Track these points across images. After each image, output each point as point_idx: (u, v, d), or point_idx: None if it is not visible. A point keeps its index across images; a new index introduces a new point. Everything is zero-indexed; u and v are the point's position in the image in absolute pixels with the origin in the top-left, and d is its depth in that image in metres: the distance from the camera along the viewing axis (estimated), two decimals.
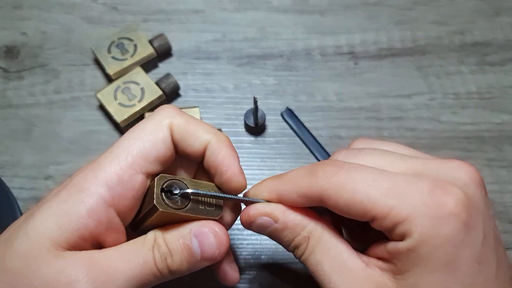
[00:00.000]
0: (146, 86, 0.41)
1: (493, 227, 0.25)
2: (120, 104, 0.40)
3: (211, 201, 0.26)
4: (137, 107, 0.40)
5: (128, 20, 0.46)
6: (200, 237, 0.26)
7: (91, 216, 0.24)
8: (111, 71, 0.41)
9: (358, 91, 0.43)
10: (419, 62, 0.44)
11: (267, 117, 0.41)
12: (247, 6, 0.46)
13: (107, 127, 0.41)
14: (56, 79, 0.43)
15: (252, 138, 0.41)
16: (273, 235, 0.27)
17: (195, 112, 0.40)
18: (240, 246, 0.37)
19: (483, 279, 0.23)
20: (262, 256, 0.37)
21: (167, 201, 0.25)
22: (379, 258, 0.25)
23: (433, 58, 0.44)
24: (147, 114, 0.40)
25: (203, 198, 0.26)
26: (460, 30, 0.45)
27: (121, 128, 0.40)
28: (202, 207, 0.26)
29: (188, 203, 0.25)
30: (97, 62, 0.43)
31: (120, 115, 0.39)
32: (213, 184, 0.27)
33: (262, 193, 0.27)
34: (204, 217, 0.26)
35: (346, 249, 0.26)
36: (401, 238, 0.23)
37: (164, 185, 0.25)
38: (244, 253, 0.37)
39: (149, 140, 0.26)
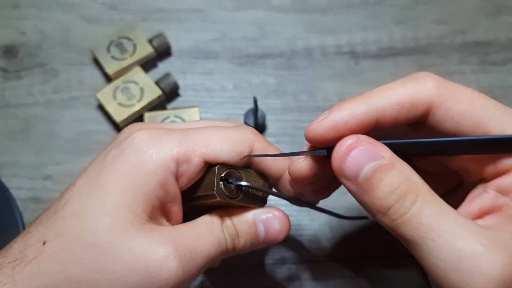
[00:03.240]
0: (146, 85, 0.40)
1: None
2: (119, 104, 0.40)
3: (257, 192, 0.28)
4: (137, 107, 0.40)
5: (127, 19, 0.45)
6: (266, 222, 0.28)
7: (163, 188, 0.25)
8: (110, 70, 0.41)
9: (359, 90, 0.42)
10: (420, 61, 0.44)
11: (267, 117, 0.41)
12: (247, 5, 0.46)
13: (106, 127, 0.41)
14: (55, 79, 0.43)
15: None
16: (372, 177, 0.21)
17: (195, 112, 0.40)
18: None
19: None
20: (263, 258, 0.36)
21: (224, 190, 0.26)
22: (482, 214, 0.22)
23: (434, 57, 0.44)
24: (147, 115, 0.39)
25: (252, 190, 0.28)
26: (461, 29, 0.45)
27: (121, 128, 0.40)
28: (251, 197, 0.28)
29: (241, 194, 0.27)
30: (96, 62, 0.43)
31: (119, 115, 0.39)
32: (261, 175, 0.29)
33: (353, 114, 0.23)
34: (251, 205, 0.28)
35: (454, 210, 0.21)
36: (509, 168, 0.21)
37: (223, 174, 0.27)
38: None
39: (228, 144, 0.27)
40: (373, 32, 0.45)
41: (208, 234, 0.26)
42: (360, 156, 0.22)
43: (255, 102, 0.38)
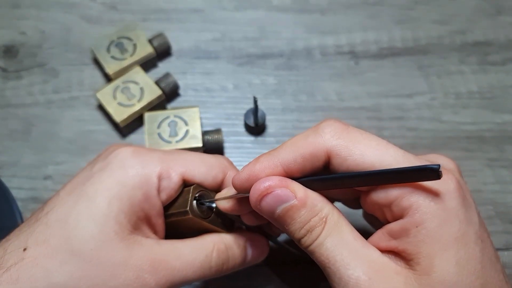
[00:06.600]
0: (146, 85, 0.40)
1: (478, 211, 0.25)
2: (119, 103, 0.40)
3: (226, 217, 0.30)
4: (137, 107, 0.40)
5: (127, 19, 0.45)
6: (253, 247, 0.30)
7: (147, 201, 0.27)
8: (110, 70, 0.41)
9: (359, 90, 0.43)
10: (420, 61, 0.44)
11: (267, 117, 0.41)
12: (247, 5, 0.46)
13: (106, 127, 0.41)
14: (55, 79, 0.43)
15: (252, 138, 0.41)
16: (285, 216, 0.24)
17: (195, 112, 0.40)
18: None
19: (487, 257, 0.23)
20: None
21: (196, 209, 0.28)
22: (382, 251, 0.24)
23: (434, 57, 0.44)
24: (147, 115, 0.39)
25: (222, 212, 0.29)
26: (461, 29, 0.45)
27: (120, 128, 0.40)
28: (220, 220, 0.29)
29: (211, 215, 0.29)
30: (96, 62, 0.43)
31: (119, 115, 0.39)
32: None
33: (263, 169, 0.24)
34: (218, 229, 0.29)
35: (360, 237, 0.24)
36: (404, 213, 0.23)
37: (197, 195, 0.28)
38: None
39: (204, 167, 0.29)
40: (373, 32, 0.45)
41: (189, 257, 0.27)
42: (271, 201, 0.24)
43: (255, 102, 0.38)
